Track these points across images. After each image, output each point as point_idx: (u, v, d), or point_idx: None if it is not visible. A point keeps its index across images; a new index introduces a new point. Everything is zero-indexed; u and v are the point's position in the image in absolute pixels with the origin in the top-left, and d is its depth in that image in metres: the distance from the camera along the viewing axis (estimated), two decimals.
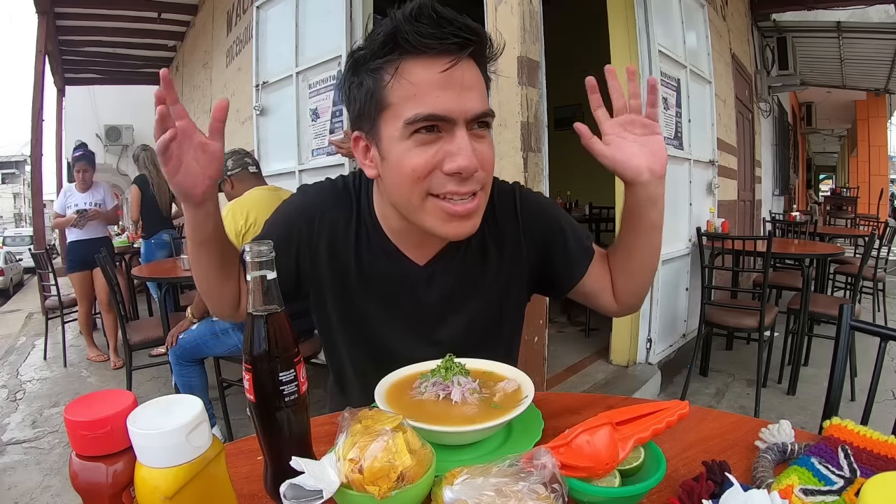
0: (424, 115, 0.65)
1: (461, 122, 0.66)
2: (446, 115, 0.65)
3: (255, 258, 0.50)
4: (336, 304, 0.83)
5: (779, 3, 5.61)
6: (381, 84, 0.67)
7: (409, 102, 0.65)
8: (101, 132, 10.13)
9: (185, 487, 0.41)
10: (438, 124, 0.66)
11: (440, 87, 0.64)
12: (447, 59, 0.64)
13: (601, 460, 0.50)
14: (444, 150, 0.66)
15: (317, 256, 0.81)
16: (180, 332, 2.21)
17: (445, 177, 0.67)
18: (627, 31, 2.83)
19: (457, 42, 0.64)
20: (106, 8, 5.30)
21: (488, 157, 0.71)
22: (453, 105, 0.65)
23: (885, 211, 9.80)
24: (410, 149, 0.67)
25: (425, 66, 0.64)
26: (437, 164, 0.67)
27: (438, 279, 0.81)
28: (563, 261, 0.84)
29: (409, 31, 0.63)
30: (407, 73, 0.65)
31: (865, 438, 0.58)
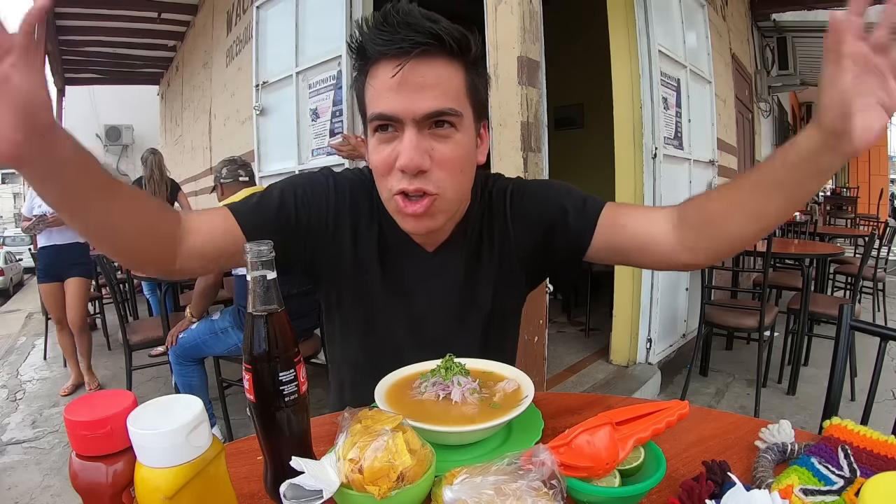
0: (375, 114, 0.70)
1: (409, 122, 0.68)
2: (392, 114, 0.68)
3: (255, 258, 0.49)
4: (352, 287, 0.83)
5: (779, 3, 5.61)
6: (363, 89, 0.73)
7: (371, 103, 0.71)
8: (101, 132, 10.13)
9: (185, 487, 0.41)
10: (391, 123, 0.69)
11: (392, 88, 0.67)
12: (399, 60, 0.66)
13: (601, 460, 0.50)
14: (397, 149, 0.69)
15: (339, 238, 0.81)
16: (180, 331, 2.21)
17: (400, 173, 0.70)
18: (627, 31, 2.83)
19: (406, 45, 0.66)
20: (106, 8, 5.30)
21: (448, 158, 0.71)
22: (400, 106, 0.68)
23: (885, 211, 9.80)
24: (374, 147, 0.72)
25: (384, 69, 0.68)
26: (393, 161, 0.70)
27: (448, 266, 0.83)
28: (566, 235, 0.81)
29: (370, 39, 0.68)
30: (371, 76, 0.70)
31: (865, 438, 0.58)
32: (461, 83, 0.71)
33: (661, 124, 2.86)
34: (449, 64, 0.69)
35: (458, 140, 0.72)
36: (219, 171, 2.36)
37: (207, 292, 2.19)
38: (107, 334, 4.20)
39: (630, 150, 2.89)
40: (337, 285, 0.84)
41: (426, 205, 0.71)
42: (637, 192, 2.90)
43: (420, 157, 0.68)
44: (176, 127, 7.32)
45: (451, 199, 0.74)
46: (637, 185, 2.90)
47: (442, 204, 0.73)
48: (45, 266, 3.12)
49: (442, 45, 0.67)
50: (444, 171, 0.71)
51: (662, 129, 2.89)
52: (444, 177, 0.71)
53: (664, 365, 3.00)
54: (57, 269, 3.08)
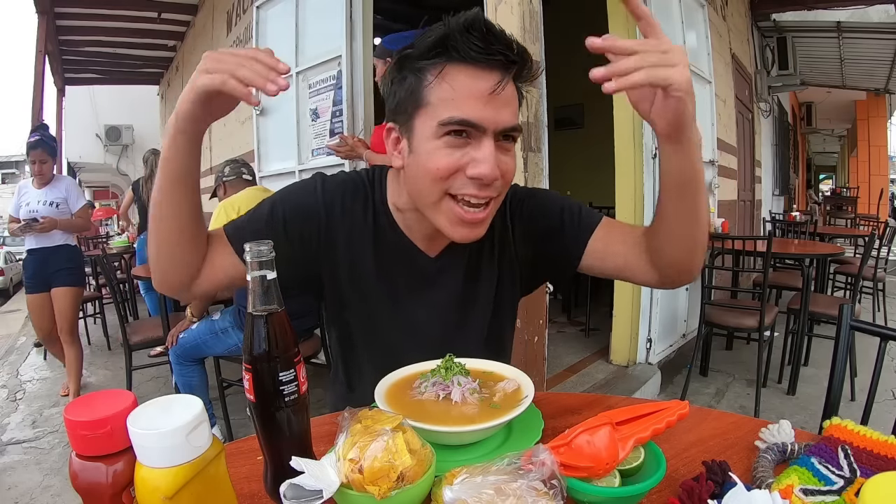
0: (458, 119, 0.68)
1: (490, 133, 0.69)
2: (479, 122, 0.69)
3: (254, 258, 0.50)
4: (352, 294, 0.84)
5: (779, 3, 5.61)
6: (423, 83, 0.71)
7: (446, 105, 0.69)
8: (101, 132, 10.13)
9: (185, 487, 0.41)
10: (469, 130, 0.69)
11: (481, 98, 0.68)
12: (491, 74, 0.68)
13: (601, 460, 0.50)
14: (470, 156, 0.70)
15: (333, 247, 0.81)
16: (180, 331, 2.21)
17: (467, 180, 0.71)
18: (627, 31, 2.83)
19: (501, 59, 0.68)
20: (106, 8, 5.30)
21: (510, 169, 0.74)
22: (487, 115, 0.69)
23: (885, 211, 9.79)
24: (439, 148, 0.70)
25: (468, 76, 0.68)
26: (462, 167, 0.70)
27: (449, 271, 0.84)
28: (561, 245, 0.84)
29: (459, 40, 0.67)
30: (450, 77, 0.69)
31: (865, 438, 0.58)
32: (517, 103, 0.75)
33: None
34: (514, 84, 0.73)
35: (513, 154, 0.75)
36: (221, 170, 2.38)
37: None
38: (107, 334, 4.20)
39: (630, 150, 2.89)
40: (337, 293, 0.85)
41: (489, 210, 0.74)
42: (637, 192, 2.90)
43: (496, 169, 0.71)
44: None
45: (497, 207, 0.77)
46: (637, 185, 2.90)
47: (493, 210, 0.76)
48: (34, 273, 2.81)
49: (522, 68, 0.71)
50: (504, 180, 0.74)
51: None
52: (502, 186, 0.74)
53: (664, 365, 3.00)
54: (45, 276, 2.78)
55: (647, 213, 2.88)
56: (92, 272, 4.88)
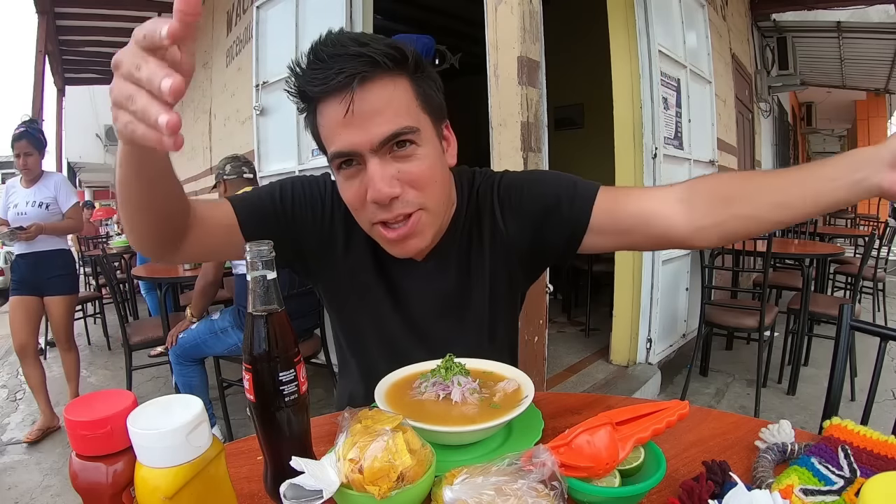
0: (334, 153, 0.68)
1: (368, 153, 0.67)
2: (351, 150, 0.67)
3: (254, 258, 0.50)
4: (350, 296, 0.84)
5: (779, 3, 5.61)
6: (316, 131, 0.72)
7: (328, 142, 0.69)
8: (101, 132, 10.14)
9: (185, 487, 0.41)
10: (353, 158, 0.68)
11: (342, 123, 0.66)
12: (344, 93, 0.64)
13: (601, 460, 0.50)
14: (365, 182, 0.68)
15: (332, 242, 0.82)
16: (180, 331, 2.22)
17: (374, 205, 0.69)
18: (627, 31, 2.83)
19: (342, 78, 0.63)
20: (106, 8, 5.30)
21: (417, 175, 0.69)
22: (355, 138, 0.66)
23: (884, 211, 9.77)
24: (342, 183, 0.71)
25: (329, 106, 0.67)
26: (364, 194, 0.69)
27: (439, 270, 0.83)
28: (560, 223, 0.78)
29: (303, 83, 0.67)
30: (320, 115, 0.69)
31: (865, 438, 0.58)
32: (410, 96, 0.69)
33: (661, 124, 2.86)
34: (391, 81, 0.67)
35: (422, 154, 0.70)
36: (221, 167, 2.36)
37: (207, 291, 2.19)
38: (107, 334, 4.20)
39: (630, 150, 2.89)
40: (334, 291, 0.85)
41: (411, 224, 0.71)
42: None
43: (389, 186, 0.67)
44: None
45: (434, 212, 0.74)
46: (637, 185, 2.89)
47: (426, 219, 0.72)
48: (22, 277, 2.59)
49: (377, 66, 0.65)
50: (416, 189, 0.69)
51: (662, 129, 2.89)
52: (418, 195, 0.70)
53: (664, 365, 3.00)
54: (36, 282, 2.58)
55: None
56: (92, 272, 4.88)
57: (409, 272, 0.83)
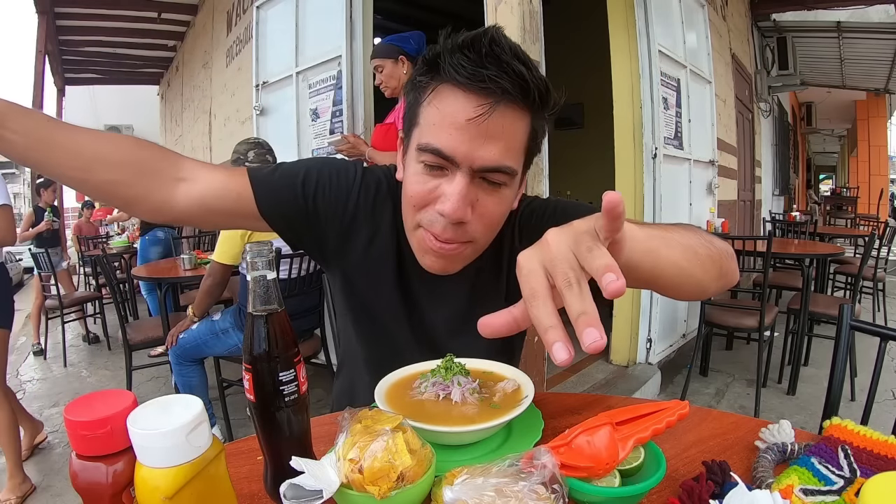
0: (431, 147, 0.63)
1: (465, 169, 0.63)
2: (451, 155, 0.62)
3: (255, 258, 0.49)
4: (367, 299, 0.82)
5: (779, 3, 5.61)
6: (420, 100, 0.66)
7: (430, 129, 0.64)
8: None
9: (185, 487, 0.41)
10: (442, 162, 0.63)
11: (459, 126, 0.61)
12: (482, 100, 0.60)
13: (601, 460, 0.50)
14: (442, 189, 0.65)
15: (347, 238, 0.79)
16: (180, 331, 2.21)
17: (436, 214, 0.66)
18: (627, 31, 2.83)
19: (492, 87, 0.59)
20: (106, 8, 5.30)
21: (490, 213, 0.67)
22: (463, 149, 0.61)
23: (885, 211, 9.80)
24: (417, 173, 0.66)
25: (458, 100, 0.61)
26: (433, 199, 0.65)
27: (457, 286, 0.81)
28: None
29: (447, 59, 0.61)
30: (439, 99, 0.63)
31: (865, 438, 0.58)
32: (525, 137, 0.66)
33: (661, 124, 2.86)
34: (520, 114, 0.63)
35: (505, 195, 0.67)
36: (243, 153, 2.24)
37: (213, 291, 2.17)
38: (107, 334, 4.20)
39: (630, 149, 2.90)
40: (349, 286, 0.83)
41: (455, 249, 0.68)
42: (637, 191, 2.90)
43: (465, 210, 0.64)
44: (176, 127, 7.32)
45: (480, 249, 0.73)
46: (637, 185, 2.90)
47: (469, 252, 0.71)
48: None
49: (526, 96, 0.61)
50: (482, 224, 0.67)
51: (662, 129, 2.89)
52: (480, 230, 0.68)
53: (664, 365, 3.00)
54: None
55: (646, 213, 2.88)
56: (92, 272, 4.89)
57: (424, 286, 0.81)
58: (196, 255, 2.89)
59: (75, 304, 4.00)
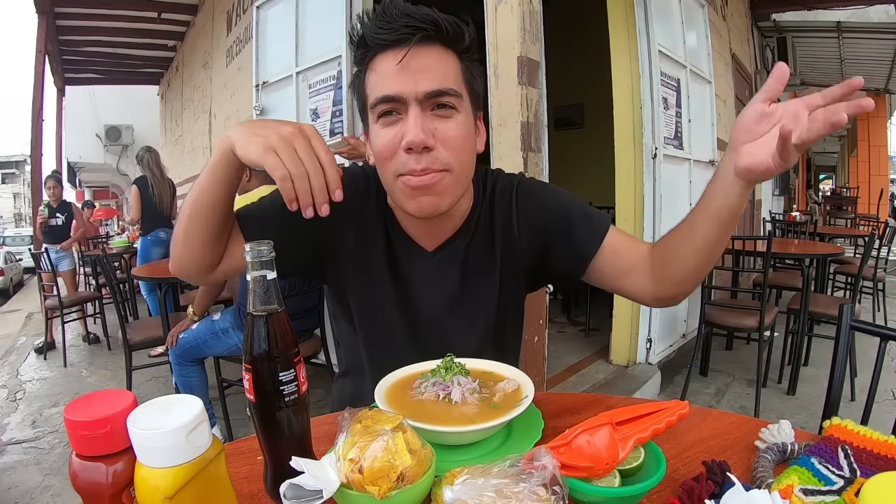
0: (380, 97, 0.71)
1: (412, 101, 0.70)
2: (396, 94, 0.70)
3: (255, 258, 0.50)
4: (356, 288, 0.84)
5: (779, 3, 5.61)
6: (363, 80, 0.75)
7: (374, 89, 0.73)
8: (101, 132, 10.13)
9: (185, 487, 0.41)
10: (395, 106, 0.71)
11: (395, 72, 0.70)
12: (404, 48, 0.70)
13: (601, 460, 0.50)
14: (402, 130, 0.71)
15: (342, 237, 0.83)
16: (180, 331, 2.21)
17: (406, 155, 0.72)
18: (627, 31, 2.83)
19: (406, 32, 0.69)
20: (106, 8, 5.30)
21: (451, 136, 0.73)
22: (403, 86, 0.70)
23: (885, 211, 9.80)
24: (378, 131, 0.74)
25: (385, 58, 0.71)
26: (398, 143, 0.72)
27: (448, 265, 0.84)
28: (570, 246, 0.82)
29: (368, 31, 0.72)
30: (374, 65, 0.73)
31: (865, 438, 0.58)
32: (458, 69, 0.74)
33: (661, 124, 2.86)
34: (445, 51, 0.73)
35: (460, 120, 0.74)
36: None
37: (212, 289, 2.18)
38: (107, 334, 4.20)
39: (630, 150, 2.89)
40: (341, 286, 0.85)
41: (436, 178, 0.73)
42: (637, 192, 2.90)
43: (425, 134, 0.70)
44: (176, 127, 7.32)
45: (458, 176, 0.75)
46: (637, 185, 2.90)
47: (449, 181, 0.74)
48: None
49: (439, 31, 0.71)
50: (448, 149, 0.72)
51: (662, 129, 2.89)
52: (448, 155, 0.73)
53: (664, 365, 3.00)
54: None
55: (646, 213, 2.88)
56: (92, 272, 4.89)
57: (415, 267, 0.83)
58: None
59: (75, 303, 4.00)
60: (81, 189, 14.34)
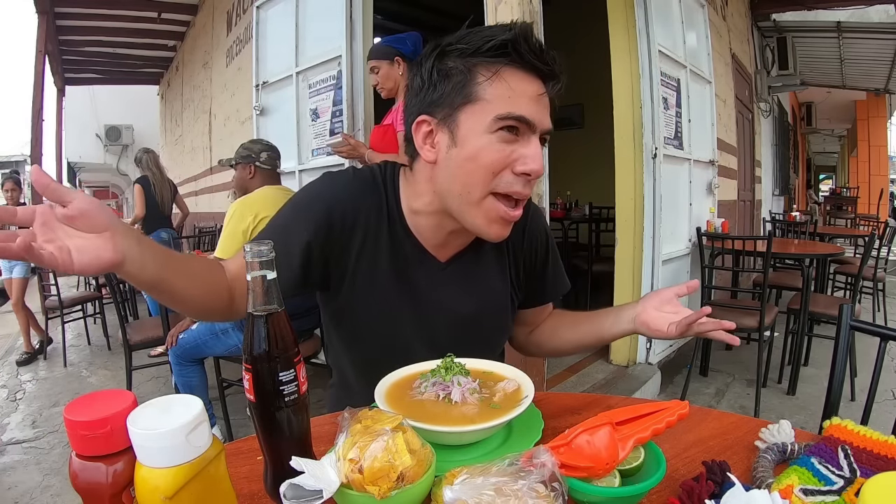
0: (517, 115, 0.72)
1: (538, 132, 0.74)
2: (532, 120, 0.73)
3: (254, 258, 0.49)
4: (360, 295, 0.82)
5: (779, 3, 5.61)
6: (475, 79, 0.72)
7: (503, 101, 0.72)
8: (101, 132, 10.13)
9: (185, 487, 0.41)
10: (521, 127, 0.73)
11: (535, 99, 0.73)
12: (538, 80, 0.74)
13: (601, 460, 0.50)
14: (519, 153, 0.73)
15: (349, 248, 0.81)
16: (180, 331, 2.21)
17: (514, 177, 0.73)
18: (627, 31, 2.83)
19: (552, 70, 0.74)
20: (106, 8, 5.31)
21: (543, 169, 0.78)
22: (539, 116, 0.73)
23: (885, 211, 9.80)
24: (493, 143, 0.72)
25: (522, 79, 0.73)
26: (511, 163, 0.73)
27: (459, 275, 0.85)
28: (535, 287, 0.94)
29: (522, 45, 0.71)
30: (507, 77, 0.72)
31: (865, 438, 0.58)
32: None
33: (661, 124, 2.86)
34: None
35: None
36: (256, 153, 2.22)
37: None
38: (107, 334, 4.20)
39: (630, 149, 2.89)
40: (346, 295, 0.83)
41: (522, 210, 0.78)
42: (637, 192, 2.90)
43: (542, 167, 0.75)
44: (176, 127, 7.32)
45: None
46: (637, 185, 2.90)
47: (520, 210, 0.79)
48: None
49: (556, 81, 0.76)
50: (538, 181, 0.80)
51: (662, 129, 2.89)
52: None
53: (664, 365, 3.00)
54: None
55: (646, 213, 2.88)
56: None
57: (426, 277, 0.83)
58: (196, 255, 2.89)
59: (76, 303, 4.00)
60: (81, 189, 14.35)
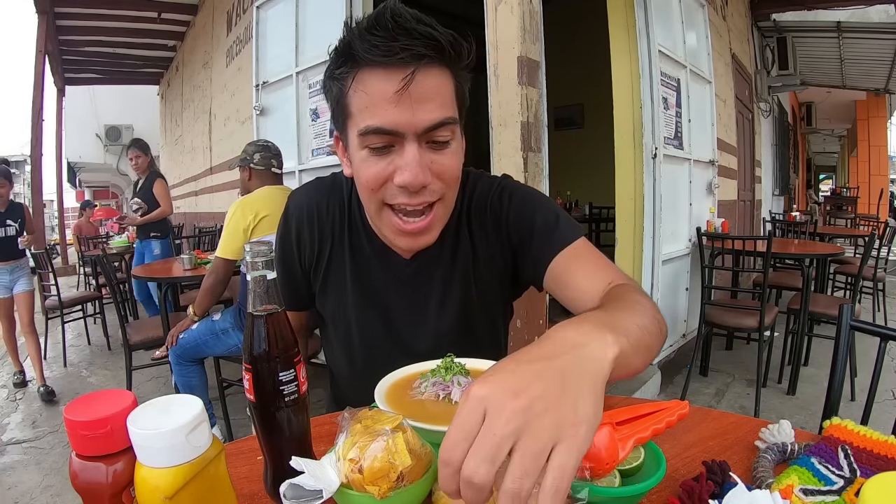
0: (373, 128, 0.64)
1: (411, 136, 0.64)
2: (394, 129, 0.64)
3: (255, 258, 0.49)
4: (334, 296, 0.84)
5: (779, 3, 5.61)
6: (344, 91, 0.67)
7: (363, 113, 0.65)
8: (101, 132, 10.13)
9: (185, 487, 0.41)
10: (391, 140, 0.65)
11: (391, 100, 0.63)
12: (402, 71, 0.62)
13: (601, 460, 0.50)
14: (395, 164, 0.66)
15: (322, 253, 0.83)
16: (180, 331, 2.21)
17: (397, 188, 0.67)
18: (627, 31, 2.83)
19: (407, 56, 0.61)
20: (106, 8, 5.31)
21: (448, 168, 0.68)
22: (402, 119, 0.63)
23: (885, 211, 9.80)
24: (365, 159, 0.67)
25: (380, 78, 0.63)
26: (389, 175, 0.67)
27: (424, 273, 0.82)
28: (527, 258, 0.79)
29: (360, 44, 0.62)
30: (363, 83, 0.64)
31: (865, 438, 0.58)
32: (453, 89, 0.68)
33: (661, 124, 2.86)
34: (442, 72, 0.66)
35: (455, 149, 0.69)
36: (250, 154, 2.24)
37: (215, 289, 2.16)
38: (107, 334, 4.20)
39: (630, 150, 2.89)
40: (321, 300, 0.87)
41: (432, 218, 0.70)
42: (637, 192, 2.90)
43: (424, 174, 0.66)
44: (176, 127, 7.32)
45: (448, 202, 0.73)
46: (637, 185, 2.90)
47: (440, 210, 0.72)
48: None
49: (441, 53, 0.63)
50: (442, 181, 0.69)
51: (662, 129, 2.89)
52: (442, 187, 0.69)
53: (664, 365, 3.00)
54: None
55: (646, 213, 2.88)
56: (92, 272, 4.89)
57: (392, 276, 0.82)
58: (196, 255, 2.89)
59: (76, 303, 4.00)
60: (81, 189, 14.35)
